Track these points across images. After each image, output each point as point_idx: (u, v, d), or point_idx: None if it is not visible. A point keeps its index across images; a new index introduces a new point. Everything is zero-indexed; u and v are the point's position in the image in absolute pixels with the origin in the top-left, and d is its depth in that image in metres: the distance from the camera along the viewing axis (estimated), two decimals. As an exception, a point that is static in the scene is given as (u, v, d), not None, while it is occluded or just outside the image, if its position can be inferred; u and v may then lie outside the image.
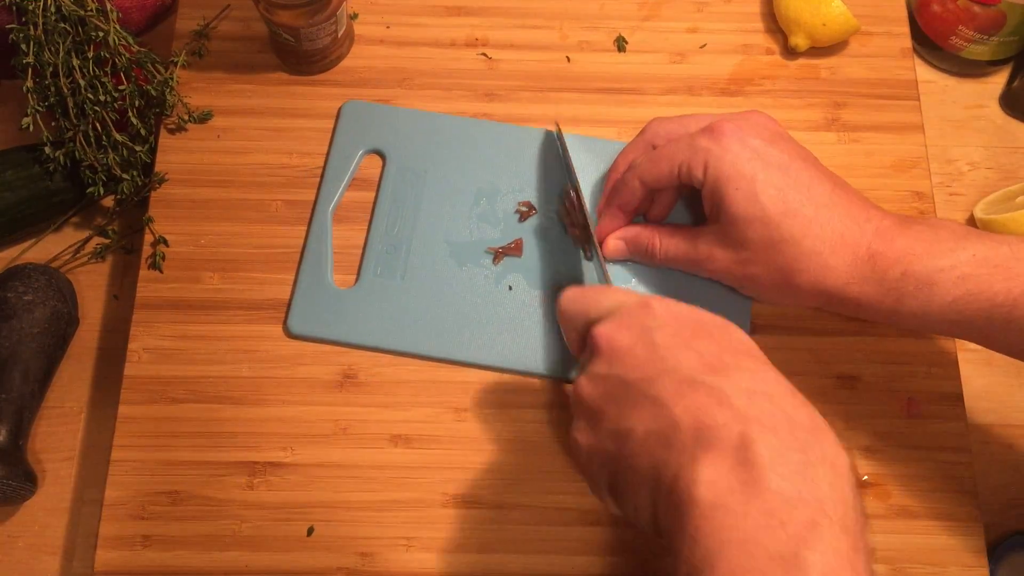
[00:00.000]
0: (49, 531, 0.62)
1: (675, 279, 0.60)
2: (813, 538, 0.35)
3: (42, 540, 0.62)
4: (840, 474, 0.38)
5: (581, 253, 0.61)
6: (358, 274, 0.61)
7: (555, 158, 0.64)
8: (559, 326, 0.50)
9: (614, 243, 0.60)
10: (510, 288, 0.60)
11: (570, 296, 0.48)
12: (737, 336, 0.43)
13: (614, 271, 0.61)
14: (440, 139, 0.64)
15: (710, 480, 0.37)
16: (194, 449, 0.57)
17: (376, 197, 0.63)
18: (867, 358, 0.60)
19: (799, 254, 0.51)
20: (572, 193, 0.62)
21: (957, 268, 0.49)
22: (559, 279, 0.61)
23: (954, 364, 0.60)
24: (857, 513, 0.38)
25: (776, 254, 0.52)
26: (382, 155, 0.64)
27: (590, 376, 0.44)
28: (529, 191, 0.63)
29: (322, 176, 0.64)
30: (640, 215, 0.61)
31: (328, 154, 0.64)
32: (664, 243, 0.58)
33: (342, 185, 0.63)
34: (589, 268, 0.61)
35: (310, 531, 0.56)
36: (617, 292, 0.47)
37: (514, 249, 0.61)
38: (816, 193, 0.52)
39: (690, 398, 0.39)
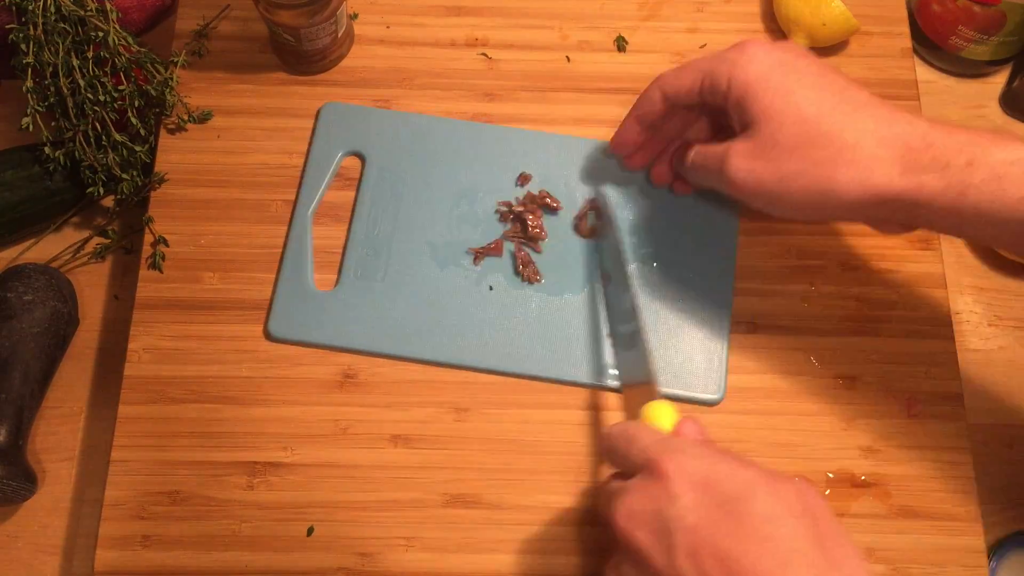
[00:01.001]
0: (49, 531, 0.62)
1: (652, 269, 0.60)
2: None
3: (42, 540, 0.62)
4: None
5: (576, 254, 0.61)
6: (338, 276, 0.61)
7: (536, 158, 0.64)
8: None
9: (662, 167, 0.60)
10: (491, 288, 0.60)
11: (608, 443, 0.46)
12: (763, 511, 0.39)
13: (594, 266, 0.61)
14: (419, 140, 0.64)
15: None
16: (194, 449, 0.57)
17: (356, 199, 0.63)
18: (867, 358, 0.60)
19: (841, 147, 0.47)
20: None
21: None
22: (543, 282, 0.61)
23: (954, 364, 0.60)
24: None
25: (815, 150, 0.48)
26: (361, 157, 0.64)
27: (618, 571, 0.43)
28: (509, 191, 0.63)
29: (301, 178, 0.64)
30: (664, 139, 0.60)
31: (307, 156, 0.64)
32: (705, 157, 0.54)
33: (321, 187, 0.63)
34: (565, 265, 0.61)
35: (310, 531, 0.56)
36: (644, 441, 0.44)
37: (494, 249, 0.61)
38: (852, 95, 0.48)
39: None
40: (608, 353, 0.59)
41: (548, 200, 0.62)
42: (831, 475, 0.58)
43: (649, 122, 0.57)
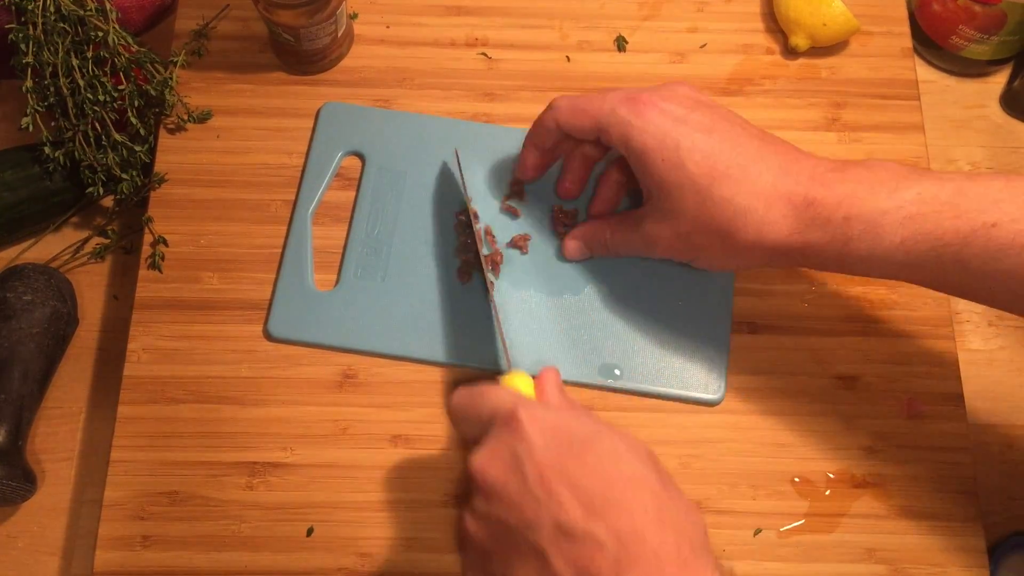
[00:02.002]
0: (49, 531, 0.62)
1: (651, 269, 0.60)
2: None
3: (42, 540, 0.62)
4: None
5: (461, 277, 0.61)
6: (338, 276, 0.61)
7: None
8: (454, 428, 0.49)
9: (572, 244, 0.60)
10: (490, 290, 0.60)
11: (456, 406, 0.46)
12: (607, 449, 0.41)
13: (594, 266, 0.61)
14: (419, 140, 0.64)
15: None
16: (194, 449, 0.57)
17: (356, 199, 0.63)
18: (867, 358, 0.60)
19: (734, 213, 0.50)
20: (464, 216, 0.62)
21: (903, 208, 0.47)
22: (541, 282, 0.61)
23: (954, 364, 0.60)
24: None
25: (712, 218, 0.51)
26: (361, 157, 0.64)
27: (474, 513, 0.43)
28: (505, 191, 0.63)
29: (301, 178, 0.64)
30: (558, 160, 0.61)
31: (307, 156, 0.64)
32: (614, 234, 0.58)
33: (321, 187, 0.63)
34: (570, 275, 0.61)
35: (310, 531, 0.56)
36: (493, 399, 0.44)
37: (495, 255, 0.61)
38: (743, 150, 0.50)
39: (568, 549, 0.39)
40: (607, 352, 0.59)
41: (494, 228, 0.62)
42: (831, 475, 0.58)
43: (547, 148, 0.58)
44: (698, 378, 0.59)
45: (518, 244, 0.61)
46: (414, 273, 0.61)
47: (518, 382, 0.48)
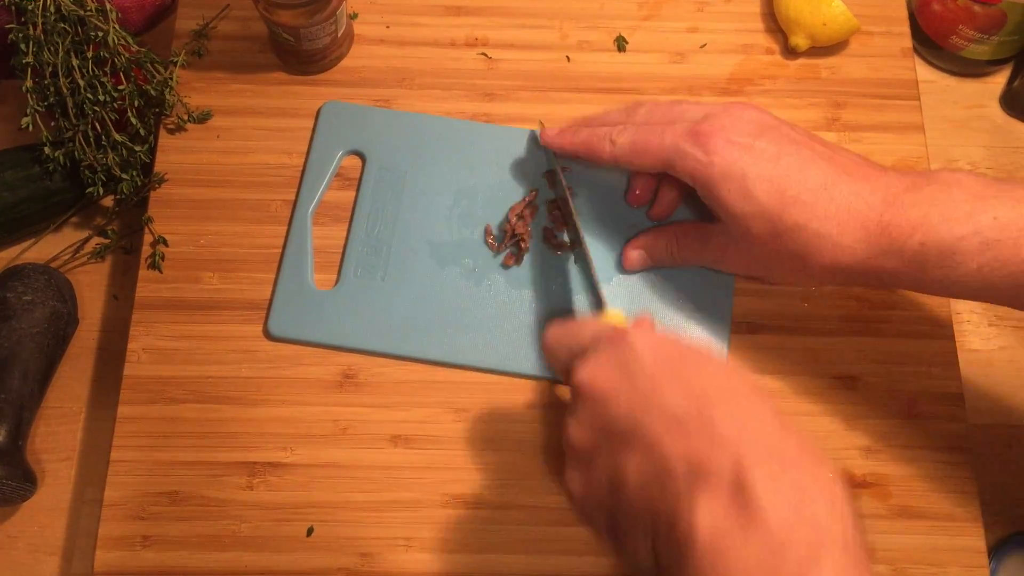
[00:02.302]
0: (49, 531, 0.62)
1: (657, 275, 0.61)
2: (816, 567, 0.35)
3: (42, 540, 0.62)
4: (836, 500, 0.38)
5: (571, 258, 0.61)
6: (338, 275, 0.61)
7: (535, 157, 0.64)
8: (546, 360, 0.50)
9: (634, 254, 0.60)
10: (491, 289, 0.60)
11: (551, 335, 0.47)
12: (718, 364, 0.42)
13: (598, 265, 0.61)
14: (419, 139, 0.64)
15: (708, 519, 0.37)
16: (194, 449, 0.57)
17: (356, 198, 0.63)
18: (867, 358, 0.60)
19: (808, 239, 0.50)
20: (562, 201, 0.61)
21: (979, 234, 0.46)
22: (542, 281, 0.61)
23: (954, 364, 0.60)
24: (857, 536, 0.37)
25: (785, 243, 0.51)
26: (362, 156, 0.64)
27: (578, 421, 0.43)
28: (508, 190, 0.63)
29: (301, 177, 0.64)
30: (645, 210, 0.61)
31: (308, 155, 0.64)
32: (681, 247, 0.58)
33: (322, 186, 0.63)
34: (569, 271, 0.61)
35: (310, 531, 0.56)
36: (594, 325, 0.46)
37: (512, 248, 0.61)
38: (811, 175, 0.50)
39: (679, 436, 0.39)
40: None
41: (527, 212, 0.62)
42: (831, 475, 0.58)
43: (590, 154, 0.58)
44: None
45: (518, 243, 0.61)
46: (414, 272, 0.61)
47: (613, 318, 0.49)
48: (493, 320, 0.60)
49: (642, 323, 0.46)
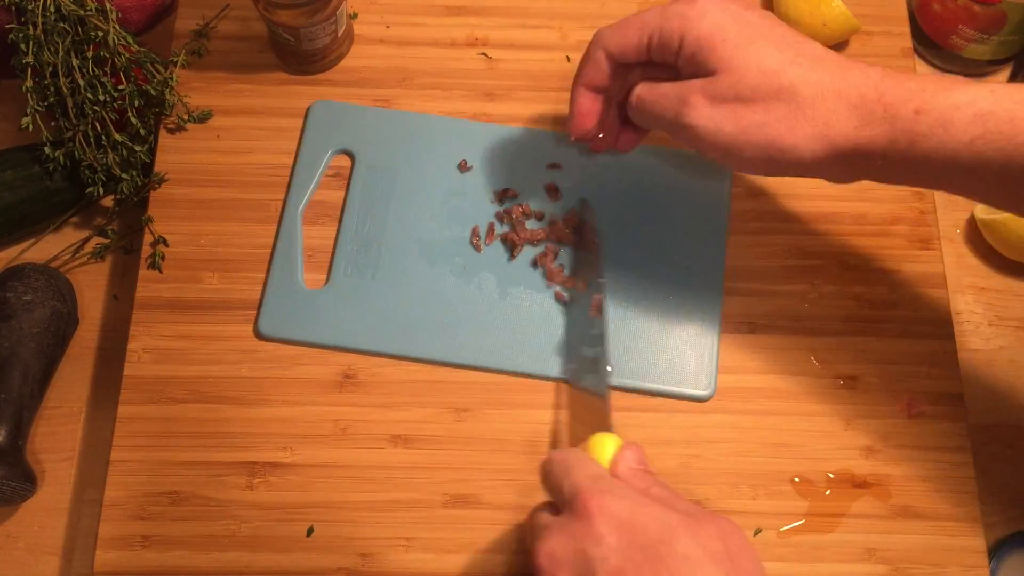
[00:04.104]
0: (49, 531, 0.62)
1: (642, 265, 0.61)
2: None
3: (42, 540, 0.62)
4: None
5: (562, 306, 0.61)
6: (328, 274, 0.61)
7: (527, 155, 0.64)
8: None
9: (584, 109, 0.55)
10: (481, 287, 0.60)
11: (544, 471, 0.47)
12: (683, 553, 0.40)
13: None
14: (409, 138, 0.64)
15: None
16: (194, 449, 0.57)
17: (346, 197, 0.63)
18: (867, 358, 0.60)
19: (802, 101, 0.47)
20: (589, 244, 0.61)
21: (975, 103, 0.45)
22: (531, 279, 0.61)
23: (954, 364, 0.60)
24: None
25: (776, 103, 0.47)
26: (351, 155, 0.64)
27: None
28: (498, 189, 0.63)
29: (291, 177, 0.64)
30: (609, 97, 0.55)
31: (297, 155, 0.64)
32: (649, 90, 0.52)
33: (311, 186, 0.63)
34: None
35: (310, 531, 0.56)
36: (576, 474, 0.44)
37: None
38: (807, 48, 0.48)
39: None
40: (604, 349, 0.59)
41: (523, 214, 0.62)
42: (831, 475, 0.58)
43: (600, 89, 0.55)
44: (689, 374, 0.59)
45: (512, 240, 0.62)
46: (404, 271, 0.61)
47: (606, 443, 0.48)
48: (484, 318, 0.60)
49: (618, 465, 0.46)
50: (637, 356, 0.59)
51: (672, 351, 0.59)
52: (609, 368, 0.57)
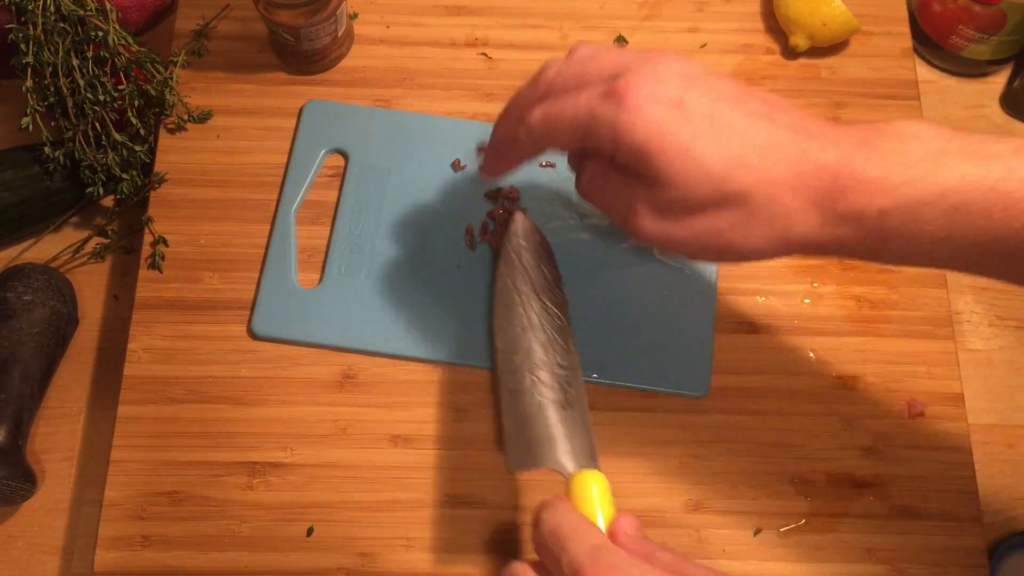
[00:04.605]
0: (49, 531, 0.62)
1: (634, 265, 0.61)
2: None
3: (42, 540, 0.62)
4: None
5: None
6: (322, 273, 0.61)
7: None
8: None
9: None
10: (474, 287, 0.60)
11: (536, 532, 0.43)
12: None
13: (577, 263, 0.60)
14: (402, 137, 0.64)
15: None
16: (194, 449, 0.57)
17: (339, 196, 0.63)
18: (867, 358, 0.60)
19: (755, 207, 0.43)
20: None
21: (946, 198, 0.41)
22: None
23: (954, 364, 0.60)
24: None
25: (728, 211, 0.43)
26: (344, 154, 0.64)
27: None
28: (491, 187, 0.63)
29: (284, 176, 0.64)
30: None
31: (290, 154, 0.64)
32: (596, 187, 0.48)
33: (305, 185, 0.63)
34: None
35: (310, 531, 0.56)
36: (572, 541, 0.41)
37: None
38: (754, 135, 0.43)
39: None
40: (590, 348, 0.58)
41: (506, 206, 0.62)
42: (831, 475, 0.58)
43: (520, 159, 0.51)
44: (682, 372, 0.59)
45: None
46: (397, 270, 0.61)
47: (592, 482, 0.46)
48: (477, 318, 0.59)
49: (618, 566, 0.41)
50: (631, 355, 0.59)
51: (665, 349, 0.59)
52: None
